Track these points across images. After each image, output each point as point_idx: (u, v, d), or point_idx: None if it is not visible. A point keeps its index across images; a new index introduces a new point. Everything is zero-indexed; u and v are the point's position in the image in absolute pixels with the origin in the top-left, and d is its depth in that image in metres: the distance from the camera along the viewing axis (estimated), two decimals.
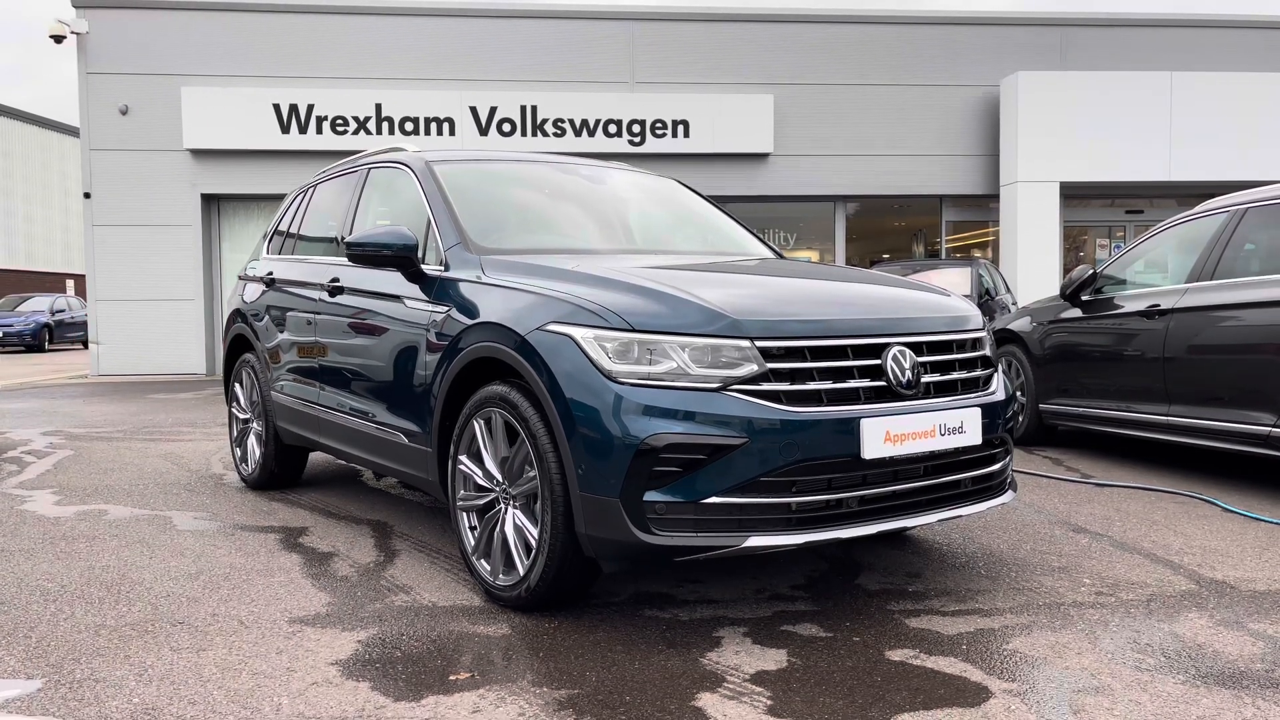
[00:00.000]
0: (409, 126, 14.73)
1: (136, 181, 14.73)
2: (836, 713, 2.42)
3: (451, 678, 2.65)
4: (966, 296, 10.86)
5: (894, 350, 3.05)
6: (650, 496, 2.78)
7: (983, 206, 16.42)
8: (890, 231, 18.26)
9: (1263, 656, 2.79)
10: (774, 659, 2.78)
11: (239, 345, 5.67)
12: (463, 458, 3.39)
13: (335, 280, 4.47)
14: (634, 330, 2.89)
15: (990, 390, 3.35)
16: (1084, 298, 6.28)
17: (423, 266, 3.81)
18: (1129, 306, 5.80)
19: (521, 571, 3.12)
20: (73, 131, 39.82)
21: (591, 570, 3.12)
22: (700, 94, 15.26)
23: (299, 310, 4.85)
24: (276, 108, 14.50)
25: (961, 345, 3.32)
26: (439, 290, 3.67)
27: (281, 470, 5.30)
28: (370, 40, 15.06)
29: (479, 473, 3.34)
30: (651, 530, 2.78)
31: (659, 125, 15.07)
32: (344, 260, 4.36)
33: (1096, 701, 2.49)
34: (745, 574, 3.59)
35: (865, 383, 2.98)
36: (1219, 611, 3.18)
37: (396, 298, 3.91)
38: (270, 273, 5.34)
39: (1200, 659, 2.77)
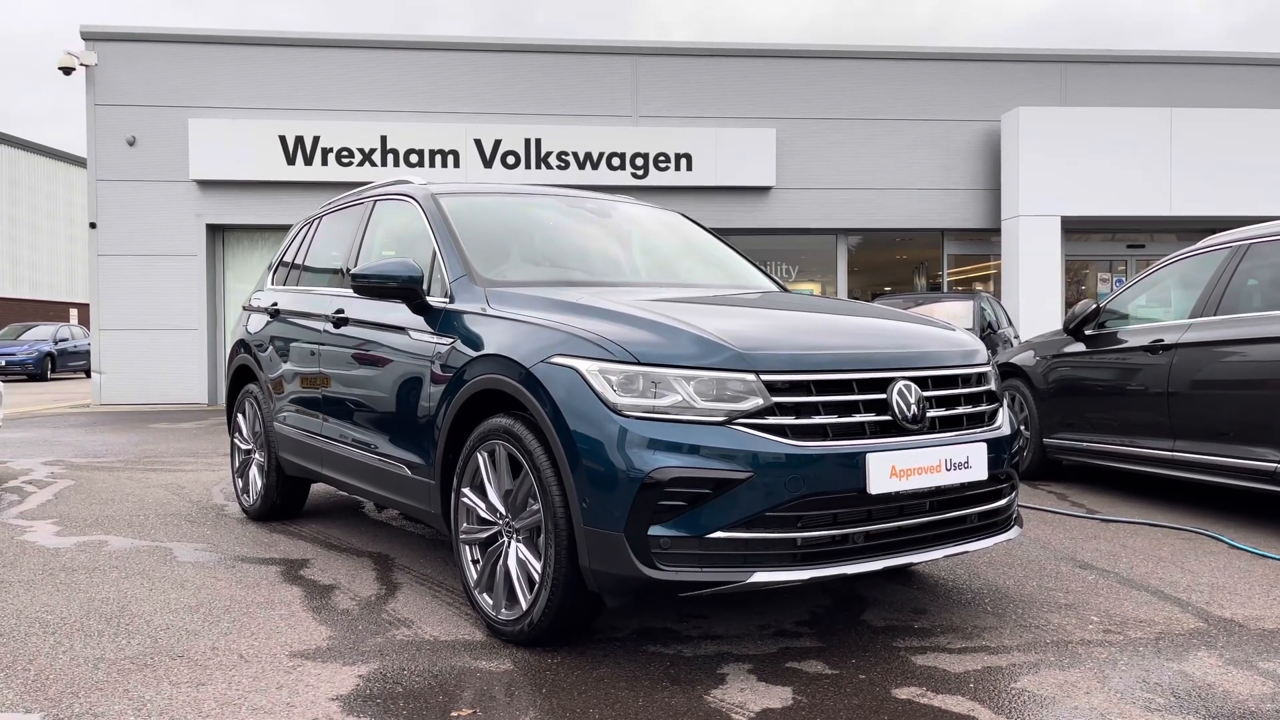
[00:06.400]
0: (414, 159, 14.83)
1: (142, 212, 14.82)
2: None
3: (453, 714, 2.62)
4: (969, 330, 10.85)
5: (899, 384, 3.04)
6: (655, 531, 2.76)
7: (984, 240, 16.47)
8: (892, 264, 18.31)
9: (1273, 696, 2.76)
10: (779, 696, 2.75)
11: (242, 376, 5.67)
12: (466, 490, 3.38)
13: (340, 311, 4.48)
14: (639, 363, 2.89)
15: (995, 425, 3.34)
16: (1087, 332, 6.28)
17: (428, 298, 3.82)
18: (1132, 341, 5.80)
19: (524, 606, 3.10)
20: (78, 162, 40.10)
21: (595, 605, 3.09)
22: (703, 127, 15.37)
23: (303, 341, 4.85)
24: (282, 139, 14.61)
25: (966, 380, 3.31)
26: (444, 322, 3.67)
27: (283, 501, 5.28)
28: (376, 73, 15.20)
29: (482, 505, 3.32)
30: (656, 565, 2.76)
31: (662, 158, 15.16)
32: (349, 291, 4.36)
33: None
34: (750, 609, 3.57)
35: (870, 417, 2.97)
36: (1228, 650, 3.15)
37: (401, 329, 3.91)
38: (275, 304, 5.35)
39: (1210, 699, 2.74)
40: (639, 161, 15.13)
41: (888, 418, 2.99)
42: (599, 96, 15.52)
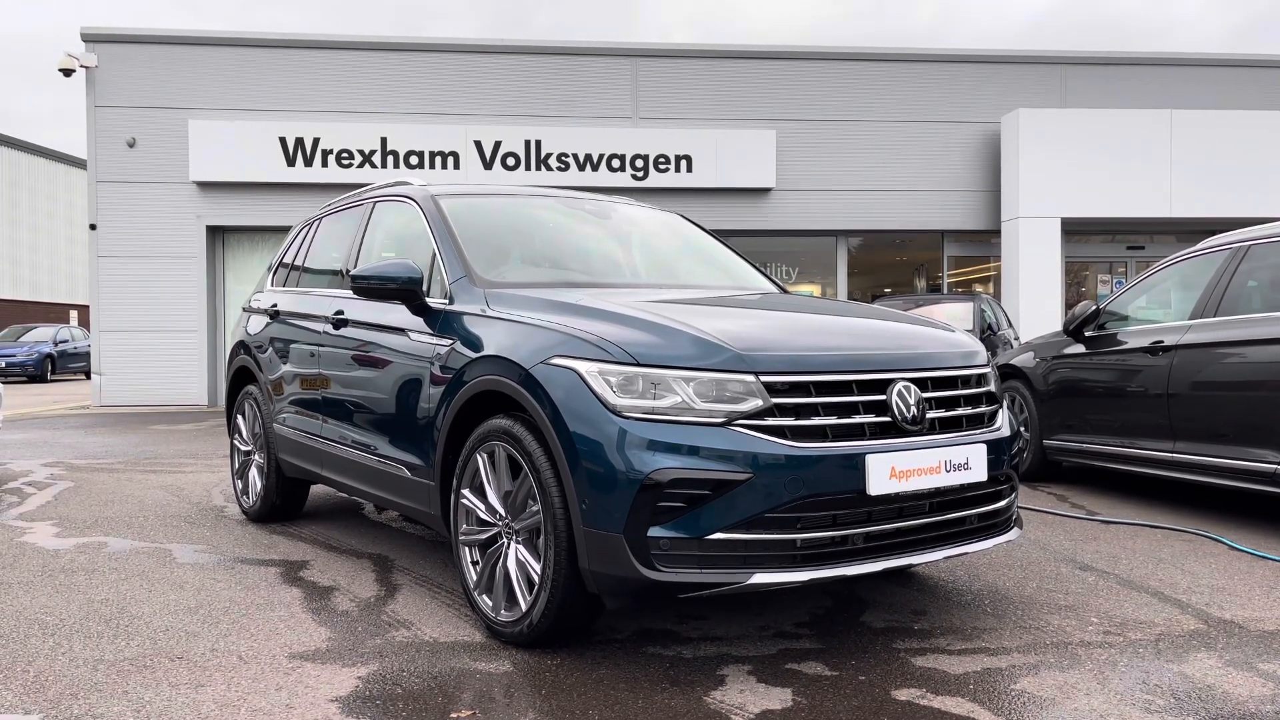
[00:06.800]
0: (414, 160, 14.83)
1: (142, 213, 14.82)
2: None
3: (453, 715, 2.62)
4: (969, 331, 10.84)
5: (899, 386, 3.04)
6: (654, 532, 2.76)
7: (984, 242, 16.48)
8: (892, 266, 18.31)
9: (1273, 698, 2.75)
10: (779, 698, 2.74)
11: (242, 377, 5.66)
12: (465, 492, 3.38)
13: (339, 313, 4.48)
14: (638, 364, 2.89)
15: (995, 426, 3.34)
16: (1087, 333, 6.28)
17: (427, 299, 3.82)
18: (1132, 342, 5.80)
19: (524, 607, 3.09)
20: (79, 163, 40.10)
21: (595, 606, 3.09)
22: (703, 129, 15.38)
23: (302, 342, 4.85)
24: (282, 141, 14.62)
25: (966, 381, 3.31)
26: (443, 323, 3.67)
27: (283, 503, 5.28)
28: (375, 75, 15.21)
29: (481, 507, 3.32)
30: (656, 566, 2.76)
31: (662, 160, 15.17)
32: (348, 293, 4.36)
33: None
34: (749, 610, 3.56)
35: (870, 418, 2.97)
36: (1228, 652, 3.15)
37: (401, 330, 3.91)
38: (274, 305, 5.35)
39: (1210, 700, 2.74)
40: (639, 163, 15.14)
41: (887, 419, 2.99)
42: (599, 98, 15.53)
